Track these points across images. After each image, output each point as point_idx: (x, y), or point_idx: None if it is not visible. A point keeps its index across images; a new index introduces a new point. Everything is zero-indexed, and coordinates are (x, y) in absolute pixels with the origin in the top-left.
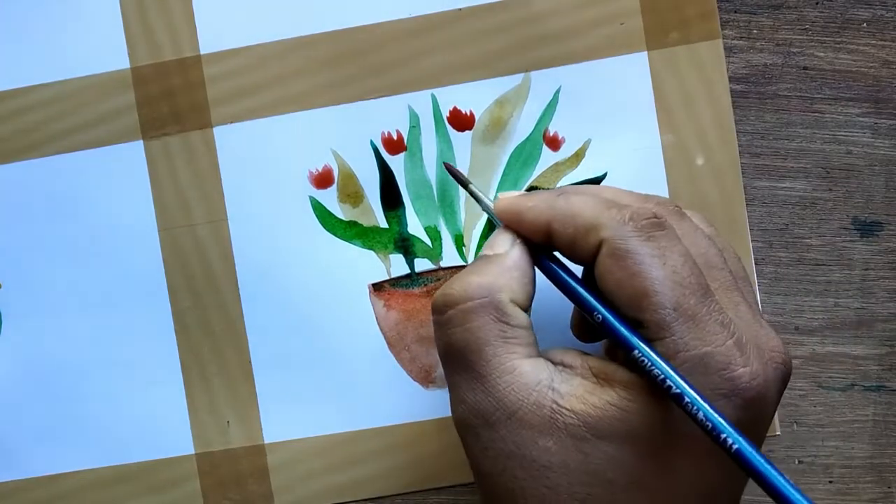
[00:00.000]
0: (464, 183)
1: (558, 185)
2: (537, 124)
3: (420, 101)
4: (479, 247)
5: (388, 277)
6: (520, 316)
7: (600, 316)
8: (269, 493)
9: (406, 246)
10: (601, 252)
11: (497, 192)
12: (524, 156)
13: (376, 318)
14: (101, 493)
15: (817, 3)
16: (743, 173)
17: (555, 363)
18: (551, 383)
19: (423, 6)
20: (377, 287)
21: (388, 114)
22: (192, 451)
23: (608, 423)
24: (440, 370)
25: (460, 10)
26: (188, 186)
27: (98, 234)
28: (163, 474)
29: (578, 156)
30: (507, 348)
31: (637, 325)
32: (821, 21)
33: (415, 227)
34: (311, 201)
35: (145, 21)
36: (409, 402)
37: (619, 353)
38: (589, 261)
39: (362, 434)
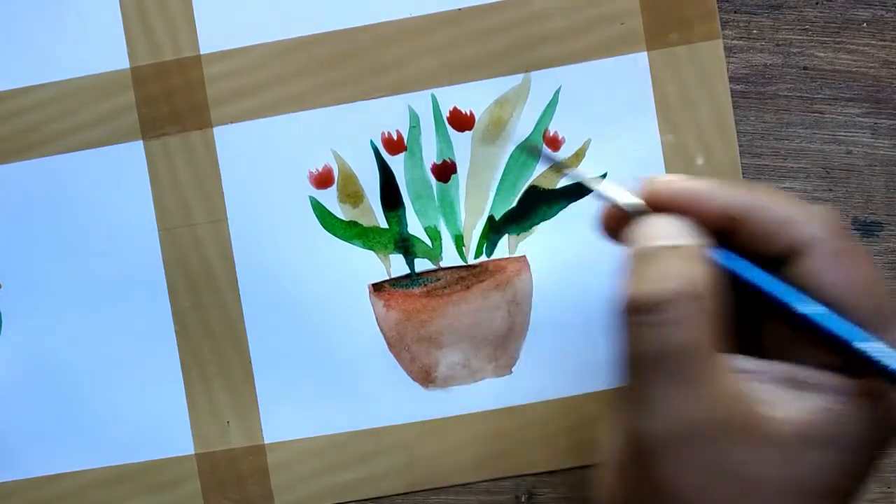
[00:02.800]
0: (562, 166)
1: (559, 186)
2: (537, 124)
3: (420, 101)
4: (479, 246)
5: (388, 277)
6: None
7: (811, 311)
8: (269, 494)
9: (406, 246)
10: (814, 249)
11: (497, 192)
12: (524, 156)
13: (376, 319)
14: (102, 494)
15: (817, 3)
16: (743, 173)
17: (743, 371)
18: (753, 393)
19: (423, 6)
20: (377, 287)
21: (388, 114)
22: (193, 451)
23: (823, 430)
24: (440, 370)
25: (460, 9)
26: (188, 186)
27: (98, 235)
28: (163, 474)
29: (578, 156)
30: (715, 352)
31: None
32: (821, 21)
33: (415, 227)
34: (311, 201)
35: (145, 21)
36: (409, 402)
37: (810, 351)
38: (780, 256)
39: (362, 434)
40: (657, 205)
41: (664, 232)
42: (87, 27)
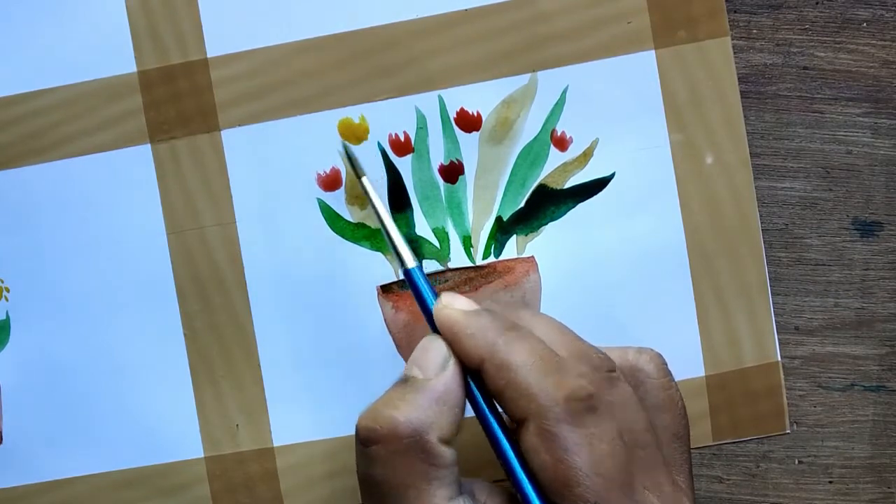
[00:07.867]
0: (357, 172)
1: (566, 186)
2: (545, 124)
3: (427, 102)
4: (487, 247)
5: (396, 279)
6: (446, 455)
7: (519, 489)
8: (278, 496)
9: (414, 247)
10: (528, 426)
11: (504, 193)
12: (532, 156)
13: (385, 320)
14: (111, 497)
15: (817, 3)
16: None
17: (475, 502)
18: None
19: (430, 7)
20: (385, 289)
21: (395, 115)
22: (202, 455)
23: None
24: None
25: (467, 10)
26: (196, 190)
27: (106, 238)
28: (172, 478)
29: (586, 155)
30: (430, 491)
31: None
32: (821, 21)
33: (422, 228)
34: (319, 203)
35: (152, 24)
36: None
37: None
38: (513, 419)
39: None
40: (440, 330)
41: (422, 359)
42: (94, 31)
